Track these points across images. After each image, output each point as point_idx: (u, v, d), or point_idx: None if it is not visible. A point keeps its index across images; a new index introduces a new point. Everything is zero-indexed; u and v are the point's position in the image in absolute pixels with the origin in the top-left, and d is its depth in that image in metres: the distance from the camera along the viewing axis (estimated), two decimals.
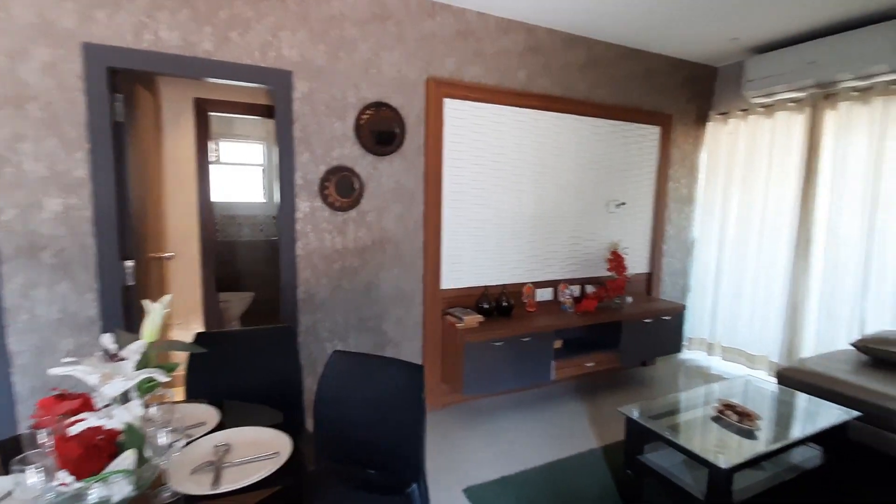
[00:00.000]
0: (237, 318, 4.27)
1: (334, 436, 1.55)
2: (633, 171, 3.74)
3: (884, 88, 2.92)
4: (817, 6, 2.75)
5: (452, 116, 2.91)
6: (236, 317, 4.25)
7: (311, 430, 1.60)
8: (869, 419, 2.27)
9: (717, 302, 3.97)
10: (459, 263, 3.07)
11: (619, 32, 3.26)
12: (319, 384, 1.58)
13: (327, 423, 1.56)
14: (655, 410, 2.19)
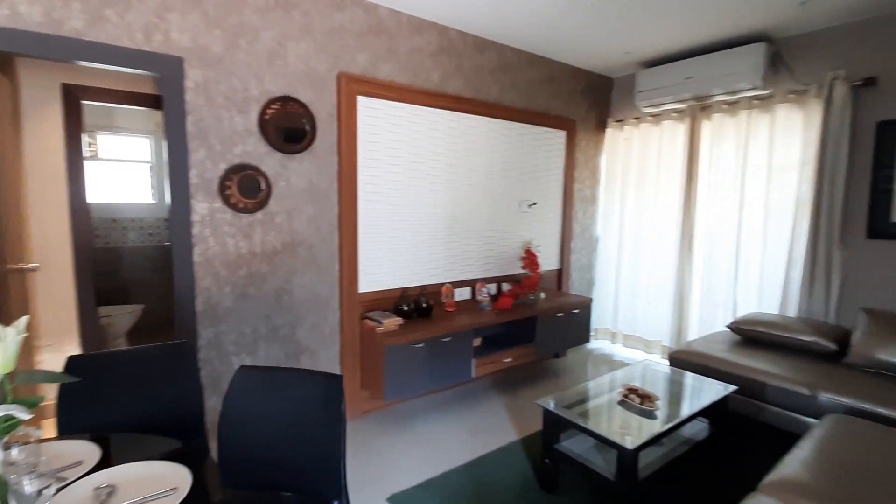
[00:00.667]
0: (123, 334, 3.78)
1: (243, 460, 1.41)
2: (543, 172, 3.93)
3: (748, 103, 3.37)
4: (693, 29, 3.10)
5: (366, 115, 2.83)
6: (122, 333, 3.76)
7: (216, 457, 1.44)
8: (743, 391, 2.60)
9: (619, 294, 4.32)
10: (377, 265, 2.99)
11: (526, 39, 3.40)
12: (224, 404, 1.43)
13: (235, 447, 1.41)
14: (569, 400, 2.30)
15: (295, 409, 1.39)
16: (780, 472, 1.71)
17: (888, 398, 2.26)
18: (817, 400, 2.40)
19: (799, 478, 1.66)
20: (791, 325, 2.96)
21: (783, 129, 3.23)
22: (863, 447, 1.84)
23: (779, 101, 3.21)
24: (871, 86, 2.85)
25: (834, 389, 2.39)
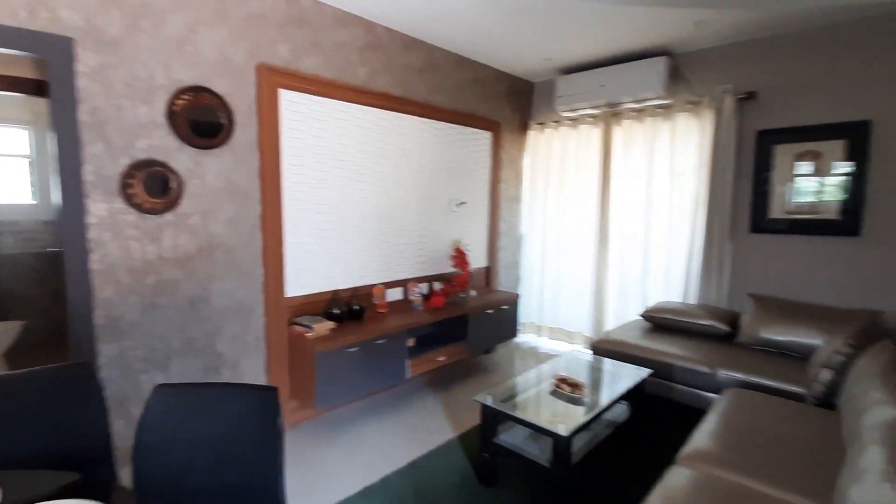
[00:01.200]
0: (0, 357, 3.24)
1: (167, 489, 1.26)
2: (470, 172, 4.00)
3: (653, 111, 3.69)
4: (604, 41, 3.33)
5: (290, 109, 2.68)
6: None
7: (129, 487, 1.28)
8: (657, 374, 2.85)
9: (543, 289, 4.52)
10: (305, 268, 2.85)
11: (453, 40, 3.44)
12: (140, 428, 1.27)
13: (155, 475, 1.26)
14: (504, 394, 2.37)
15: (225, 427, 1.27)
16: (693, 445, 1.89)
17: (771, 371, 2.59)
18: (716, 377, 2.70)
19: (708, 448, 1.85)
20: (692, 311, 3.29)
21: (682, 135, 3.58)
22: (755, 415, 2.09)
23: (678, 110, 3.56)
24: (753, 99, 3.26)
25: (729, 366, 2.70)
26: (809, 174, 3.12)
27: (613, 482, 2.25)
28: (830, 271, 3.06)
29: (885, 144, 2.85)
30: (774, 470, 1.68)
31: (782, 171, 3.21)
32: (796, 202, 3.18)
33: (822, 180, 3.08)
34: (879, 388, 1.64)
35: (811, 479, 1.61)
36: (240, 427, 1.28)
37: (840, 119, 2.97)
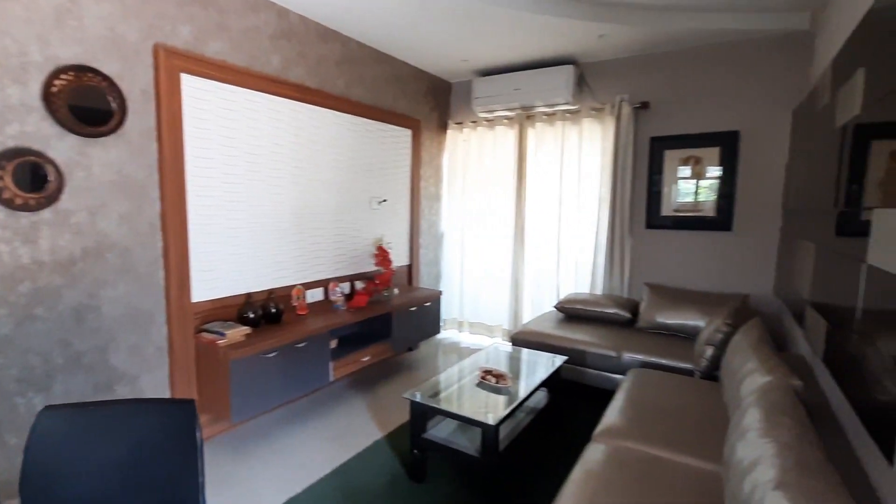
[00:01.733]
0: None
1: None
2: (391, 169, 3.97)
3: (562, 115, 3.94)
4: (517, 47, 3.49)
5: (195, 97, 2.45)
6: None
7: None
8: (571, 360, 3.06)
9: (463, 285, 4.63)
10: (214, 270, 2.63)
11: (371, 35, 3.38)
12: (26, 458, 1.08)
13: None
14: (432, 390, 2.39)
15: (133, 450, 1.13)
16: (605, 423, 2.07)
17: (666, 351, 2.92)
18: (622, 359, 2.97)
19: (618, 424, 2.04)
20: (599, 301, 3.59)
21: (588, 139, 3.88)
22: (654, 391, 2.34)
23: (584, 115, 3.85)
24: (646, 108, 3.63)
25: (632, 349, 2.98)
26: (691, 177, 3.54)
27: (538, 465, 2.38)
28: (709, 261, 3.52)
29: (748, 152, 3.33)
30: (672, 437, 1.89)
31: (670, 173, 3.61)
32: (681, 201, 3.60)
33: (700, 182, 3.52)
34: (752, 359, 1.92)
35: (703, 443, 1.84)
36: (152, 447, 1.15)
37: (715, 129, 3.41)
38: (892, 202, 1.22)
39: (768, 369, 1.74)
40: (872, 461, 1.31)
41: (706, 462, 1.72)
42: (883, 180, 1.33)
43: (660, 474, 1.63)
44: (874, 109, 1.42)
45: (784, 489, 1.00)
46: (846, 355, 1.45)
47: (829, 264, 1.76)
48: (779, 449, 1.17)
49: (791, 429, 1.28)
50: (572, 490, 1.55)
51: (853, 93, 1.61)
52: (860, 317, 1.34)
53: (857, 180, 1.53)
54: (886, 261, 1.17)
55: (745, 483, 1.15)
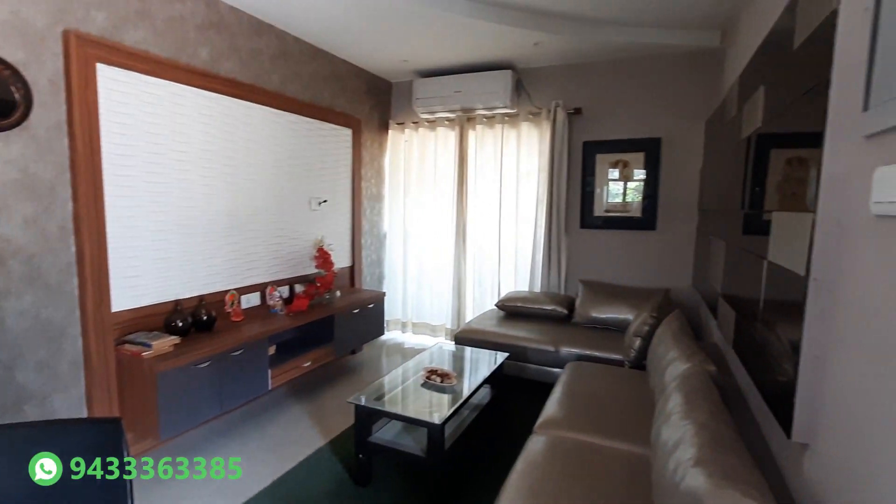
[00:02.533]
0: None
1: None
2: (332, 169, 3.88)
3: (501, 118, 4.06)
4: (457, 51, 3.54)
5: (113, 89, 2.26)
6: None
7: None
8: (512, 356, 3.15)
9: (406, 286, 4.63)
10: (138, 277, 2.44)
11: (307, 30, 3.29)
12: None
13: None
14: (377, 392, 2.37)
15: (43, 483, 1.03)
16: (545, 415, 2.16)
17: (599, 344, 3.09)
18: (559, 353, 3.11)
19: (557, 415, 2.14)
20: (538, 298, 3.73)
21: (526, 142, 4.02)
22: (589, 383, 2.48)
23: (523, 119, 3.98)
24: (579, 114, 3.82)
25: (569, 343, 3.13)
26: (619, 179, 3.78)
27: (483, 461, 2.44)
28: (636, 258, 3.77)
29: (669, 157, 3.61)
30: (606, 425, 2.02)
31: (601, 176, 3.83)
32: (611, 202, 3.83)
33: (628, 184, 3.76)
34: (674, 348, 2.09)
35: (632, 428, 1.97)
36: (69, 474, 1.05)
37: (640, 135, 3.67)
38: (787, 203, 1.38)
39: (687, 357, 1.90)
40: (774, 435, 1.48)
41: (636, 446, 1.85)
42: (780, 183, 1.50)
43: (595, 460, 1.74)
44: (773, 122, 1.60)
45: (702, 465, 1.11)
46: (752, 342, 1.63)
47: (737, 260, 1.96)
48: (697, 429, 1.29)
49: (707, 410, 1.41)
50: (515, 481, 1.61)
51: (756, 107, 1.80)
52: (763, 307, 1.51)
53: (759, 184, 1.71)
54: (782, 258, 1.33)
55: (669, 462, 1.26)
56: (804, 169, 1.25)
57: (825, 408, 1.07)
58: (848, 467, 0.95)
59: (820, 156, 1.11)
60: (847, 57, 1.04)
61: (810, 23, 1.25)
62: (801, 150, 1.31)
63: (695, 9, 2.86)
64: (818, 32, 1.19)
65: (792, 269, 1.23)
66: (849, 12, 1.04)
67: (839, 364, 1.02)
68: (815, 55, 1.20)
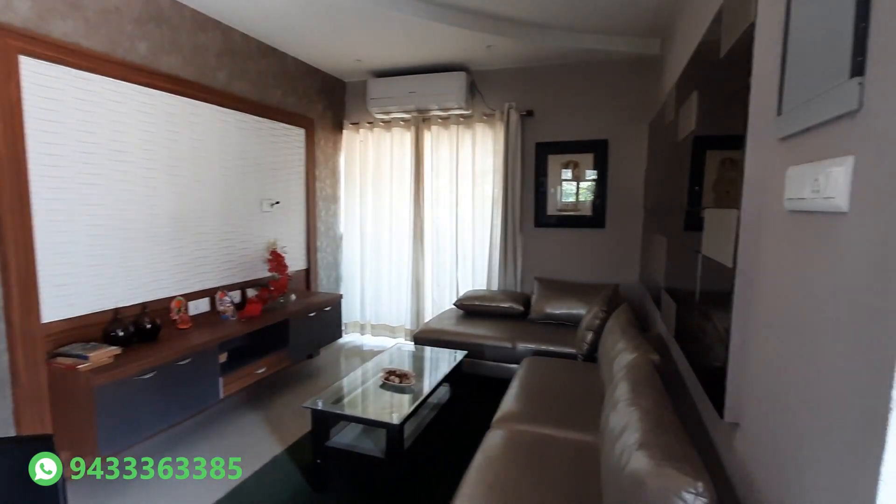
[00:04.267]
0: None
1: None
2: (284, 170, 3.78)
3: (456, 119, 4.10)
4: (411, 52, 3.55)
5: (40, 84, 2.11)
6: None
7: None
8: (470, 354, 3.19)
9: (364, 287, 4.58)
10: (72, 284, 2.29)
11: (254, 26, 3.20)
12: None
13: None
14: (335, 396, 2.34)
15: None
16: (502, 410, 2.21)
17: (554, 339, 3.19)
18: (516, 350, 3.18)
19: (514, 409, 2.19)
20: (495, 296, 3.80)
21: (481, 142, 4.08)
22: (544, 377, 2.55)
23: (477, 120, 4.04)
24: (531, 116, 3.92)
25: (525, 339, 3.21)
26: (570, 179, 3.92)
27: (442, 459, 2.45)
28: (588, 255, 3.92)
29: (615, 158, 3.78)
30: (560, 416, 2.09)
31: (554, 176, 3.95)
32: (564, 202, 3.96)
33: (579, 184, 3.90)
34: (621, 340, 2.19)
35: (584, 418, 2.05)
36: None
37: (589, 137, 3.81)
38: (721, 201, 1.48)
39: (633, 347, 2.00)
40: (710, 417, 1.58)
41: (588, 434, 1.93)
42: (715, 183, 1.61)
43: (551, 450, 1.79)
44: (705, 126, 1.71)
45: (645, 448, 1.17)
46: (690, 331, 1.73)
47: (677, 255, 2.08)
48: (641, 415, 1.36)
49: (651, 397, 1.49)
50: (474, 475, 1.64)
51: (690, 112, 1.92)
52: (699, 298, 1.62)
53: (696, 183, 1.83)
54: (714, 251, 1.43)
55: (616, 447, 1.32)
56: (736, 169, 1.35)
57: (751, 389, 1.16)
58: (773, 443, 1.03)
59: (742, 156, 1.20)
60: (764, 65, 1.13)
61: (733, 34, 1.35)
62: (731, 152, 1.41)
63: (635, 18, 3.01)
64: (739, 43, 1.29)
65: (722, 262, 1.32)
66: (764, 24, 1.14)
67: (761, 347, 1.11)
68: (737, 64, 1.30)
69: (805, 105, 0.89)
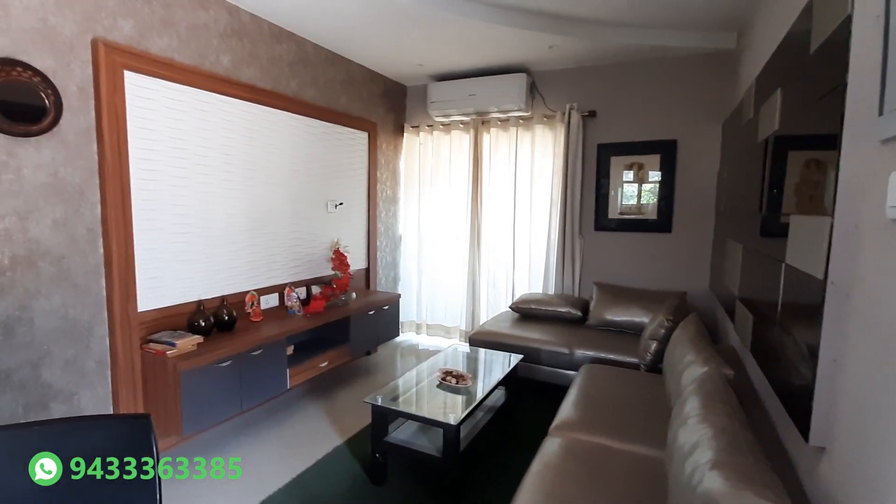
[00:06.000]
0: None
1: None
2: (347, 172, 3.94)
3: (516, 121, 4.07)
4: (472, 55, 3.57)
5: (139, 95, 2.34)
6: None
7: None
8: (526, 358, 3.16)
9: (421, 287, 4.66)
10: (162, 278, 2.52)
11: (324, 36, 3.35)
12: None
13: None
14: (393, 393, 2.40)
15: (73, 476, 1.07)
16: (560, 417, 2.17)
17: (614, 346, 3.08)
18: (574, 356, 3.11)
19: (573, 417, 2.14)
20: (552, 300, 3.73)
21: (540, 144, 4.03)
22: (604, 386, 2.48)
23: (537, 121, 3.99)
24: (594, 117, 3.82)
25: (583, 346, 3.13)
26: (634, 181, 3.77)
27: (497, 462, 2.45)
28: (652, 261, 3.75)
29: (685, 159, 3.59)
30: (622, 428, 2.02)
31: (616, 178, 3.82)
32: (625, 203, 3.82)
33: (643, 186, 3.75)
34: (690, 352, 2.08)
35: (647, 431, 1.97)
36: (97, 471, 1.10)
37: (656, 137, 3.65)
38: (805, 206, 1.38)
39: (704, 360, 1.90)
40: (792, 439, 1.47)
41: (651, 449, 1.85)
42: (798, 186, 1.49)
43: (611, 463, 1.74)
44: (790, 125, 1.59)
45: (720, 468, 1.11)
46: (769, 345, 1.62)
47: (755, 263, 1.95)
48: (715, 432, 1.29)
49: (725, 414, 1.41)
50: (532, 482, 1.62)
51: (773, 110, 1.79)
52: (780, 310, 1.51)
53: (777, 187, 1.71)
54: (800, 261, 1.33)
55: (686, 465, 1.26)
56: (821, 172, 1.25)
57: (843, 412, 1.07)
58: (865, 473, 0.94)
59: (837, 159, 1.11)
60: (862, 62, 1.04)
61: (826, 28, 1.25)
62: (818, 153, 1.30)
63: (710, 11, 2.85)
64: (834, 37, 1.19)
65: (810, 273, 1.23)
66: (862, 19, 1.05)
67: (856, 368, 1.02)
68: (831, 60, 1.20)
69: None
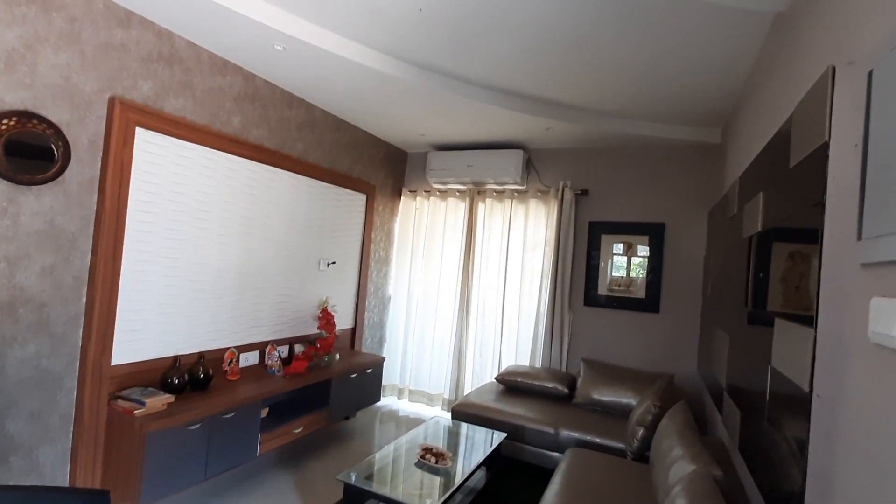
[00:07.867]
0: None
1: None
2: (343, 231, 3.98)
3: (511, 193, 4.21)
4: (472, 130, 3.76)
5: (146, 150, 2.40)
6: None
7: None
8: (510, 436, 3.05)
9: (407, 351, 4.57)
10: (140, 330, 2.45)
11: (333, 104, 3.52)
12: None
13: None
14: (368, 469, 2.29)
15: None
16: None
17: (601, 429, 3.00)
18: (559, 436, 3.01)
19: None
20: (539, 374, 3.66)
21: (534, 217, 4.14)
22: (589, 473, 2.38)
23: (531, 195, 4.13)
24: (586, 195, 3.96)
25: (569, 426, 3.04)
26: (623, 261, 3.85)
27: None
28: (640, 340, 3.74)
29: (673, 242, 3.70)
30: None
31: (606, 255, 3.90)
32: (614, 276, 3.87)
33: (632, 265, 3.82)
34: (679, 445, 2.03)
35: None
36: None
37: (645, 219, 3.78)
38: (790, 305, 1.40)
39: (692, 457, 1.85)
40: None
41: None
42: (782, 290, 1.53)
43: None
44: (772, 231, 1.66)
45: None
46: (757, 446, 1.58)
47: (742, 357, 1.95)
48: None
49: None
50: None
51: (755, 211, 1.88)
52: (768, 412, 1.49)
53: (761, 285, 1.75)
54: (786, 368, 1.33)
55: None
56: (804, 279, 1.29)
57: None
58: None
59: (818, 275, 1.15)
60: (840, 185, 1.11)
61: (804, 148, 1.34)
62: (800, 264, 1.35)
63: (696, 108, 3.06)
64: (812, 159, 1.27)
65: (796, 382, 1.23)
66: (840, 144, 1.13)
67: (845, 483, 1.00)
68: (809, 178, 1.28)
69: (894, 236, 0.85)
